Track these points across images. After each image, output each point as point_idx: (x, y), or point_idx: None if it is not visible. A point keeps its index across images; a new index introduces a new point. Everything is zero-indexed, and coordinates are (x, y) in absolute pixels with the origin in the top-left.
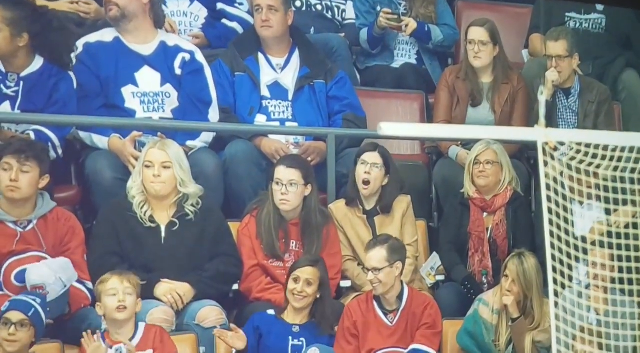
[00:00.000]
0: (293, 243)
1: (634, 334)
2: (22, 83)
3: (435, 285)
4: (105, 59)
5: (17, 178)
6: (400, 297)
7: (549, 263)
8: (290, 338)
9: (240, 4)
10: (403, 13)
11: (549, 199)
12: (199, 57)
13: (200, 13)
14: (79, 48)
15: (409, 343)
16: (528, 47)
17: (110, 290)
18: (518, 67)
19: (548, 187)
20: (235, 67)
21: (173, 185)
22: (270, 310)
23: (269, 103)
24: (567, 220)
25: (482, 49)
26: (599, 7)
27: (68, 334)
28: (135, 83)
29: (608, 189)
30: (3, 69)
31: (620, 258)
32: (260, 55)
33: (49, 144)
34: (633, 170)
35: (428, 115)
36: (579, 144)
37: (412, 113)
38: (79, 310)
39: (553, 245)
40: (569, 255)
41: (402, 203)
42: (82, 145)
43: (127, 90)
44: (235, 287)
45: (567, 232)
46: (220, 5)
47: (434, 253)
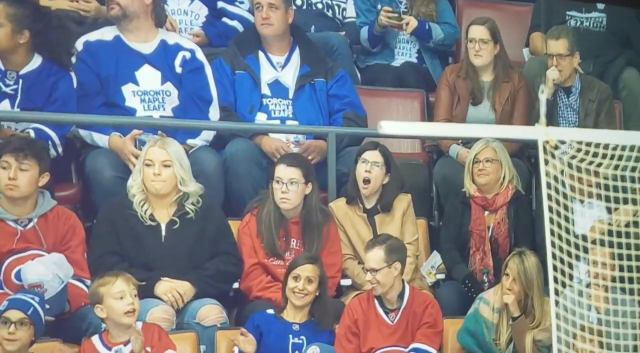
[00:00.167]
0: (293, 241)
1: (635, 333)
2: (21, 81)
3: (436, 284)
4: (106, 58)
5: (15, 176)
6: (401, 296)
7: (550, 261)
8: (291, 336)
9: (241, 3)
10: (404, 11)
11: (550, 198)
12: (200, 55)
13: (201, 11)
14: (79, 46)
15: (410, 342)
16: (529, 45)
17: (118, 293)
18: (519, 65)
19: (549, 185)
20: (236, 65)
21: (173, 184)
22: (270, 310)
23: (270, 101)
24: (567, 219)
25: (482, 48)
26: (600, 5)
27: (68, 333)
28: (136, 81)
29: (609, 188)
30: (2, 67)
31: (621, 256)
32: (261, 54)
33: (49, 142)
34: (634, 169)
35: (428, 114)
36: (580, 143)
37: (412, 111)
38: (79, 309)
39: (554, 244)
40: (570, 254)
41: (402, 201)
42: (82, 144)
43: (127, 89)
44: (236, 285)
45: (567, 230)
46: (221, 4)
47: (435, 251)
